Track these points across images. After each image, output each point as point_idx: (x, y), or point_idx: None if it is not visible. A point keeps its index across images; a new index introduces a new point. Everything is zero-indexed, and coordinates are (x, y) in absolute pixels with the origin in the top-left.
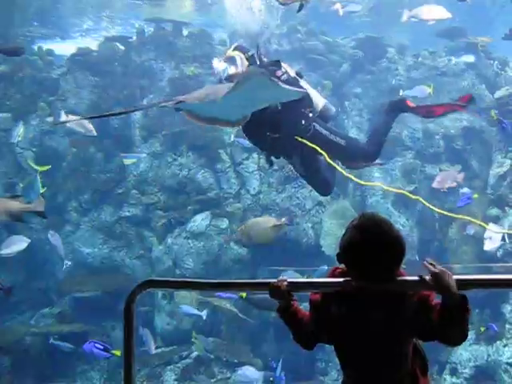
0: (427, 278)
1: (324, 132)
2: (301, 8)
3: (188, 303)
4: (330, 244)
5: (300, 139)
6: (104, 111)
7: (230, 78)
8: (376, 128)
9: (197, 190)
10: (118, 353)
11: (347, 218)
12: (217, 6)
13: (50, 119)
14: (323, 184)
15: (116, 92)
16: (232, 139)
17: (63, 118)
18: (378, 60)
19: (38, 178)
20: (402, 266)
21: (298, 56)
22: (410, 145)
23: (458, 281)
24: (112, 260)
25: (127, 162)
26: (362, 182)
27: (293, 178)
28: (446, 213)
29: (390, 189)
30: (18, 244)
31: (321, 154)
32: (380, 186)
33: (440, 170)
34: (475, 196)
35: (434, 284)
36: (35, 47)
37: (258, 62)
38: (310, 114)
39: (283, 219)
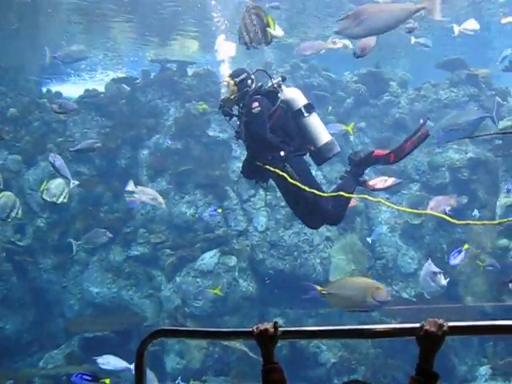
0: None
1: (295, 178)
2: None
3: (198, 341)
4: None
5: (260, 164)
6: (111, 151)
7: (222, 102)
8: (341, 190)
9: (204, 228)
10: (107, 381)
11: (355, 252)
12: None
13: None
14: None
15: (123, 132)
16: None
17: (131, 187)
18: (380, 94)
19: None
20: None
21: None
22: (416, 177)
23: (450, 328)
24: (121, 299)
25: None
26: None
27: None
28: (409, 210)
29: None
30: (101, 237)
31: (284, 179)
32: (385, 221)
33: None
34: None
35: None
36: (44, 89)
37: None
38: (282, 153)
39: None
